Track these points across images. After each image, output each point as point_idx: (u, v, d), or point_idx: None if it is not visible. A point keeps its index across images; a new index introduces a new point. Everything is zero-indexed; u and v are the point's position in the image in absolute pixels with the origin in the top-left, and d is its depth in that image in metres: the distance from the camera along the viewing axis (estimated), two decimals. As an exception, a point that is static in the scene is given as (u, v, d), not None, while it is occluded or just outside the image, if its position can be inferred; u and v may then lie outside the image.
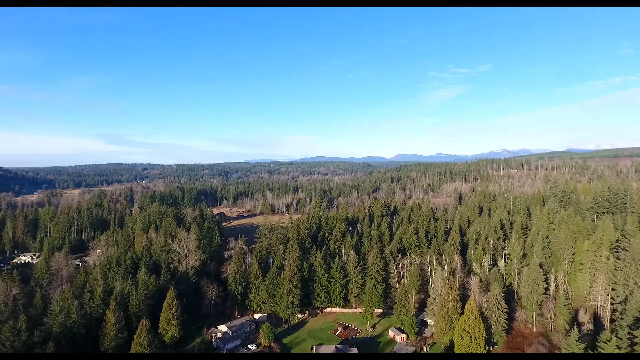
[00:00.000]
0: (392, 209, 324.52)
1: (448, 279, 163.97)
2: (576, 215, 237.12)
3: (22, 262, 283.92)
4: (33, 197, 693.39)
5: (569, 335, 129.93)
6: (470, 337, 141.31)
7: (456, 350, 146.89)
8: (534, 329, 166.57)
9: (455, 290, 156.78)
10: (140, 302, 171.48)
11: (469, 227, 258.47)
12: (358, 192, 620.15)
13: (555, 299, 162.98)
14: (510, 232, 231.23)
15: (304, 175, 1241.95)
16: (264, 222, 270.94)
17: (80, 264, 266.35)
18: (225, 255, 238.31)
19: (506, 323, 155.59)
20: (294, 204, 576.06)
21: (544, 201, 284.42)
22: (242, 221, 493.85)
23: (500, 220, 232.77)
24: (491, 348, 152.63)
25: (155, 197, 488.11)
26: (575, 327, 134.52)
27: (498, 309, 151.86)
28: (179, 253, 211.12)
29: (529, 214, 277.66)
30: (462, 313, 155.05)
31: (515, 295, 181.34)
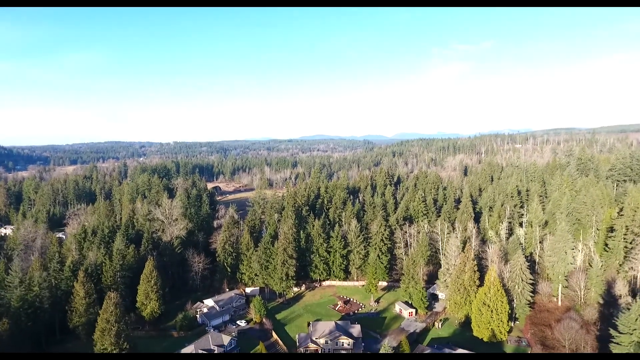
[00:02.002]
0: (395, 178, 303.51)
1: (464, 248, 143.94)
2: (598, 181, 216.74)
3: (2, 235, 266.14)
4: (25, 173, 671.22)
5: (622, 310, 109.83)
6: (491, 311, 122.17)
7: (474, 327, 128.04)
8: (559, 302, 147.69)
9: (472, 260, 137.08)
10: (115, 274, 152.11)
11: (480, 195, 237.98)
12: (359, 167, 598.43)
13: (587, 270, 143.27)
14: (527, 200, 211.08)
15: (303, 152, 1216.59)
16: (257, 195, 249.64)
17: (63, 236, 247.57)
18: (215, 225, 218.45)
19: (531, 296, 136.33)
20: (293, 179, 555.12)
21: (559, 170, 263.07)
22: (238, 195, 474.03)
23: (517, 186, 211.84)
24: (512, 324, 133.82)
25: (147, 169, 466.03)
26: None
27: (522, 279, 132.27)
28: (162, 221, 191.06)
29: (544, 183, 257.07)
30: (480, 285, 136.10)
31: (537, 266, 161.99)
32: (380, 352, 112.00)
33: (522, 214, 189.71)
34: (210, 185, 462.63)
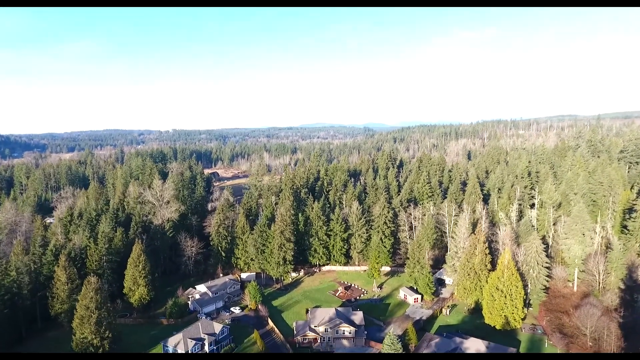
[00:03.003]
0: (398, 161, 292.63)
1: (473, 230, 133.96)
2: (611, 163, 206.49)
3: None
4: (20, 160, 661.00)
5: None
6: (505, 296, 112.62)
7: (485, 313, 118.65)
8: (575, 288, 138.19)
9: (484, 242, 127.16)
10: (101, 259, 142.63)
11: (487, 178, 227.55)
12: (359, 152, 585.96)
13: (605, 253, 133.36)
14: (537, 182, 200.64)
15: (303, 140, 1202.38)
16: (254, 177, 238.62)
17: (53, 220, 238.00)
18: (209, 208, 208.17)
19: (547, 280, 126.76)
20: (292, 164, 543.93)
21: (571, 151, 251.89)
22: (236, 181, 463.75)
23: (527, 167, 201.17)
24: (526, 311, 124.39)
25: (143, 154, 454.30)
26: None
27: (538, 263, 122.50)
28: (153, 204, 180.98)
29: (553, 165, 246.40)
30: (492, 269, 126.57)
31: (550, 249, 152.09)
32: (385, 340, 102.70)
33: (533, 196, 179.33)
34: (208, 172, 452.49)
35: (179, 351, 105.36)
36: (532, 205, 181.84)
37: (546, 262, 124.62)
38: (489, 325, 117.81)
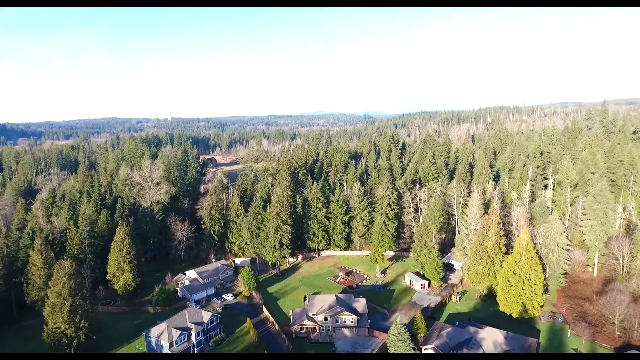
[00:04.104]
0: (400, 144, 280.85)
1: (488, 210, 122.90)
2: (627, 142, 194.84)
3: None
4: (10, 146, 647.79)
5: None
6: (523, 282, 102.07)
7: (500, 300, 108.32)
8: (595, 273, 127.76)
9: (498, 223, 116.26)
10: (82, 242, 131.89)
11: (495, 159, 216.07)
12: (360, 138, 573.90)
13: (630, 234, 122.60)
14: (549, 162, 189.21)
15: (302, 127, 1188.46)
16: (249, 158, 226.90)
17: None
18: (202, 190, 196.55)
19: (567, 264, 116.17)
20: (291, 150, 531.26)
21: (584, 130, 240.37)
22: (234, 167, 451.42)
23: (539, 147, 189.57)
24: (544, 297, 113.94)
25: (137, 139, 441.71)
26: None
27: (558, 245, 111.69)
28: (141, 185, 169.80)
29: (563, 147, 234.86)
30: (506, 253, 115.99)
31: (567, 231, 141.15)
32: (391, 330, 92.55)
33: (546, 177, 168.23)
34: (205, 157, 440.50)
35: (162, 342, 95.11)
36: (545, 187, 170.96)
37: (567, 244, 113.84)
38: (504, 313, 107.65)
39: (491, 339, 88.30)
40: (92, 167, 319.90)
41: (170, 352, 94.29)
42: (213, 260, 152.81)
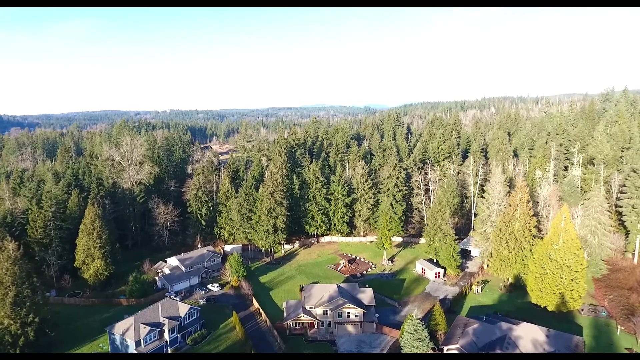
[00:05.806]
0: (405, 127, 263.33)
1: (518, 187, 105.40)
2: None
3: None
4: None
5: None
6: (561, 268, 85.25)
7: (532, 291, 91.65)
8: (635, 260, 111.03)
9: (527, 202, 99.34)
10: (47, 225, 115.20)
11: (509, 139, 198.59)
12: (361, 127, 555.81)
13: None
14: (570, 141, 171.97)
15: (302, 119, 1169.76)
16: (242, 137, 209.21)
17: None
18: (190, 171, 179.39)
19: (610, 249, 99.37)
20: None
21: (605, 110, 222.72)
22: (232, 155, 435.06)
23: (561, 124, 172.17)
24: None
25: (128, 126, 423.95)
26: None
27: (600, 225, 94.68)
28: (121, 165, 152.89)
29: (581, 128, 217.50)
30: (536, 236, 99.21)
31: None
32: (405, 326, 76.08)
33: (568, 156, 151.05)
34: (201, 146, 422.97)
35: (128, 340, 78.53)
36: (566, 167, 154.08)
37: (612, 226, 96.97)
38: (536, 305, 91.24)
39: (529, 337, 71.65)
40: (79, 153, 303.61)
41: (136, 352, 77.77)
42: (200, 247, 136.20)
